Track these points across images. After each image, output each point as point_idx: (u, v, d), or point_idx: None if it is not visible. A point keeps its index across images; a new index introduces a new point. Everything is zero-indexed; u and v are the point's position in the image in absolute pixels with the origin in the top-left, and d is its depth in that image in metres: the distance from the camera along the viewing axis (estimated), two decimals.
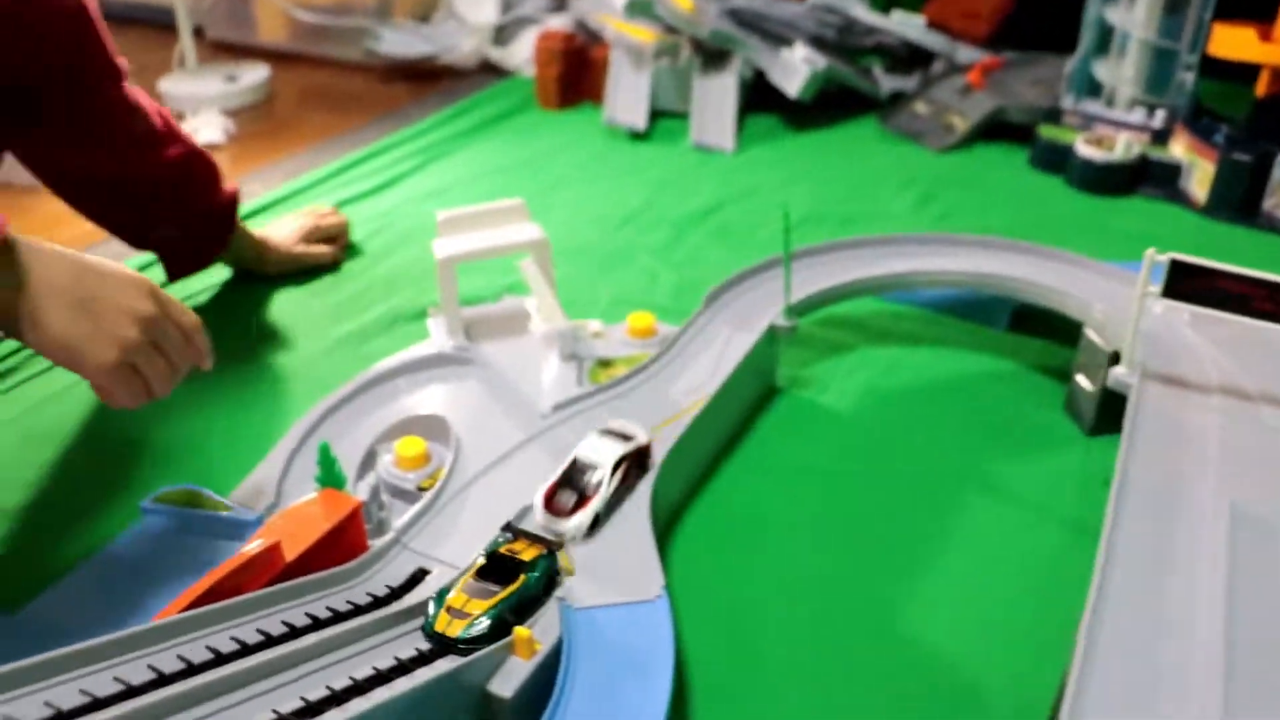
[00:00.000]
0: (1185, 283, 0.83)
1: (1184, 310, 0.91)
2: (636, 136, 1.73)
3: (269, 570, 0.67)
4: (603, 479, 0.77)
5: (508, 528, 0.75)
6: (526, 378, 0.94)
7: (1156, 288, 0.86)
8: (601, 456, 0.78)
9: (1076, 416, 1.02)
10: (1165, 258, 0.85)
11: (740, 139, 1.72)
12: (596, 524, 0.76)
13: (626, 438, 0.81)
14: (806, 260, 1.09)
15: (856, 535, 0.88)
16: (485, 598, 0.67)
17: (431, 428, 0.89)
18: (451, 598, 0.67)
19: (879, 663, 0.76)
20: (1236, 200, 1.45)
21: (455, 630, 0.65)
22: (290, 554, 0.68)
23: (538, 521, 0.76)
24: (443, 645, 0.65)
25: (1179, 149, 1.55)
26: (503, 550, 0.71)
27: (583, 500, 0.76)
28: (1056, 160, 1.59)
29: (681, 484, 0.89)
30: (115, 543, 0.84)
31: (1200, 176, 1.49)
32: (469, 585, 0.68)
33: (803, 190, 1.54)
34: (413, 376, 0.96)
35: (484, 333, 1.01)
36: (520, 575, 0.69)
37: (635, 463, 0.81)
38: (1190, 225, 1.45)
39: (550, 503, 0.77)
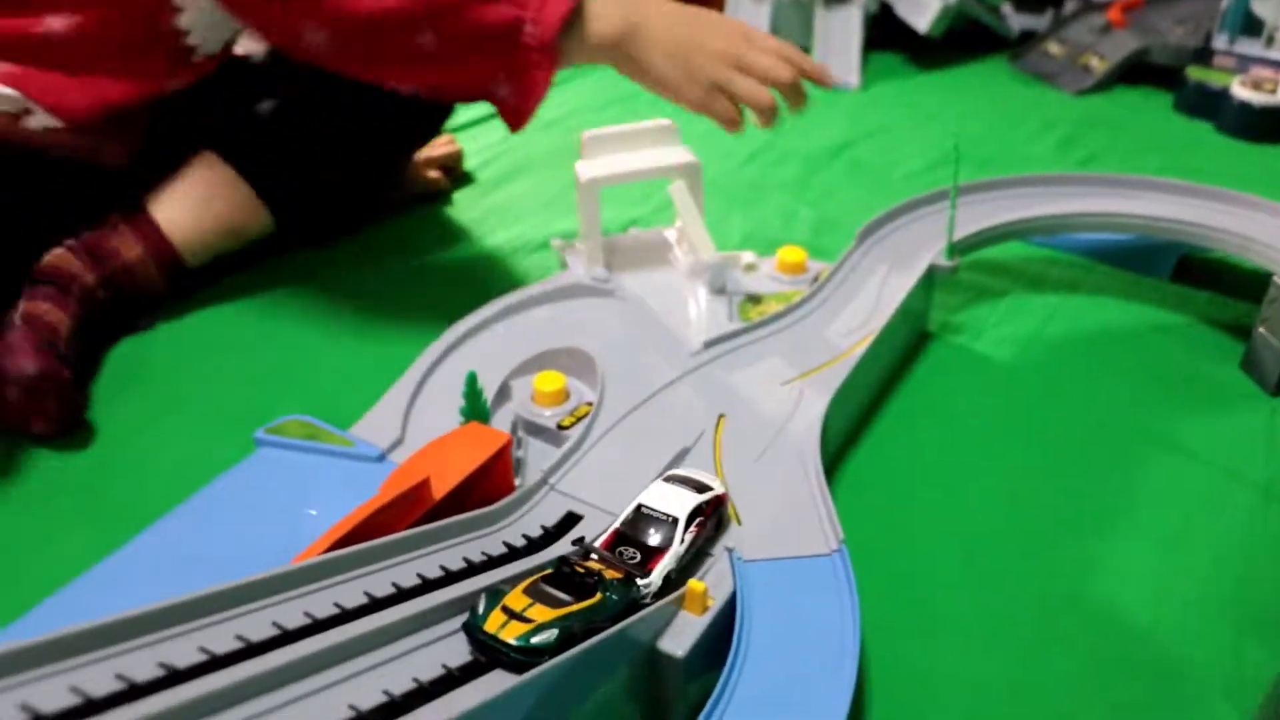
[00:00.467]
0: None
1: None
2: None
3: (416, 509, 0.61)
4: (674, 535, 0.63)
5: (579, 542, 0.66)
6: (673, 311, 0.87)
7: None
8: (673, 507, 0.64)
9: (1258, 374, 0.93)
10: None
11: (865, 76, 1.63)
12: (667, 588, 0.61)
13: (701, 488, 0.66)
14: (970, 197, 1.02)
15: (1029, 490, 0.81)
16: (554, 605, 0.56)
17: (571, 362, 0.82)
18: (509, 597, 0.56)
19: (1068, 628, 0.69)
20: None
21: (511, 635, 0.54)
22: (438, 492, 0.62)
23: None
24: (487, 650, 0.54)
25: None
26: (577, 564, 0.60)
27: (650, 558, 0.62)
28: (1207, 104, 1.50)
29: (841, 432, 0.83)
30: (228, 474, 0.79)
31: None
32: (533, 588, 0.57)
33: (935, 130, 1.46)
34: (550, 307, 0.89)
35: (625, 263, 0.94)
36: (598, 593, 0.57)
37: (711, 516, 0.66)
38: None
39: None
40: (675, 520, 0.63)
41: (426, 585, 0.57)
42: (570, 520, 0.67)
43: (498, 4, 0.86)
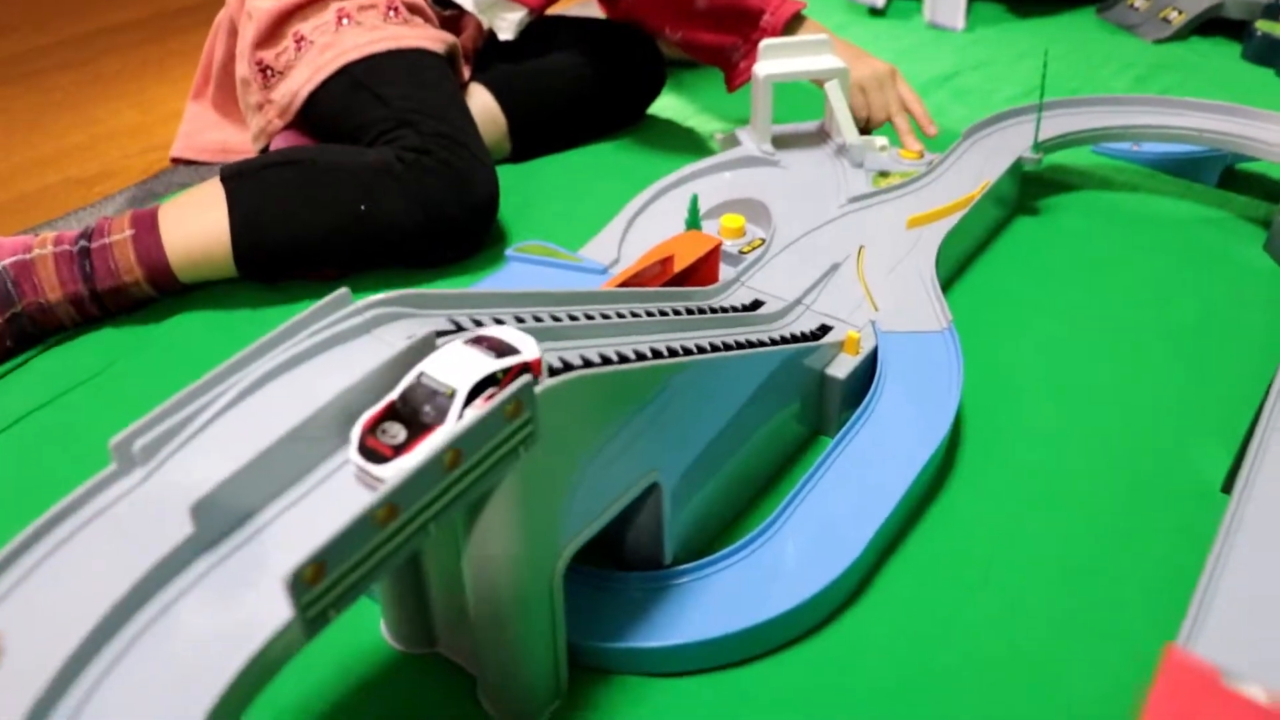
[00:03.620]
0: None
1: None
2: (875, 13, 1.91)
3: (662, 276, 0.90)
4: (450, 408, 0.52)
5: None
6: (824, 179, 1.16)
7: None
8: (456, 377, 0.53)
9: (1274, 253, 1.19)
10: None
11: (969, 20, 1.89)
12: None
13: (504, 351, 0.55)
14: (1054, 109, 1.28)
15: (1085, 320, 1.08)
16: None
17: (748, 209, 1.11)
18: None
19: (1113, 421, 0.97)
20: None
21: None
22: (677, 267, 0.91)
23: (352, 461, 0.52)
24: None
25: None
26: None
27: (414, 438, 0.52)
28: (1271, 54, 1.73)
29: (946, 269, 1.10)
30: (483, 281, 1.08)
31: None
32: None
33: (1030, 66, 1.72)
34: (732, 171, 1.18)
35: (785, 144, 1.23)
36: None
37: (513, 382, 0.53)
38: None
39: (368, 438, 0.52)
40: (453, 393, 0.53)
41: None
42: (755, 305, 0.95)
43: None
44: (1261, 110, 1.26)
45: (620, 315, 0.72)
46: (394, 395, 0.54)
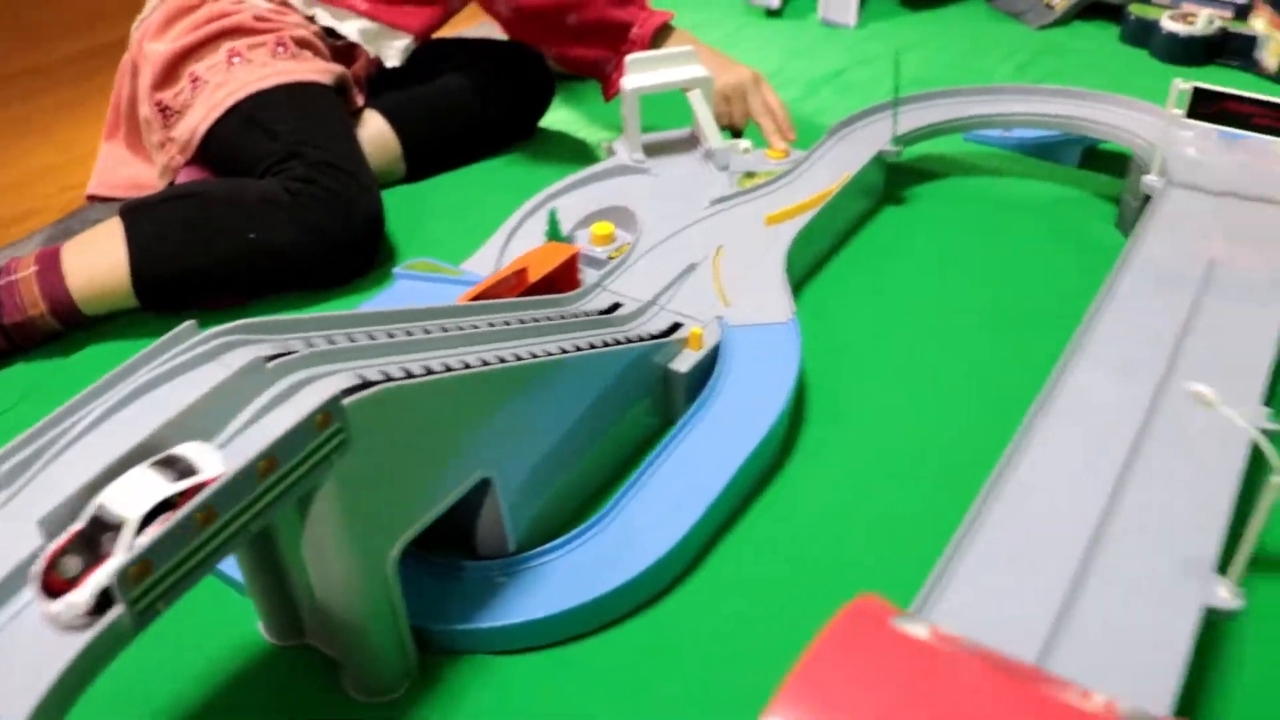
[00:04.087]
0: (1203, 105, 1.08)
1: (1212, 134, 1.15)
2: (771, 14, 1.99)
3: (518, 287, 0.97)
4: (117, 543, 0.53)
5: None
6: (690, 182, 1.23)
7: (1182, 112, 1.11)
8: (129, 506, 0.54)
9: (1123, 228, 1.27)
10: (1189, 85, 1.10)
11: (862, 16, 1.96)
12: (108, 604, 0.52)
13: (186, 472, 0.56)
14: (915, 104, 1.36)
15: (946, 298, 1.15)
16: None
17: (618, 216, 1.18)
18: None
19: (959, 394, 1.04)
20: None
21: None
22: (532, 278, 0.98)
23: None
24: None
25: (1259, 23, 1.75)
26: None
27: (90, 566, 0.52)
28: (1144, 35, 1.81)
29: (805, 264, 1.18)
30: (373, 300, 1.15)
31: (1274, 47, 1.70)
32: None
33: (916, 58, 1.79)
34: (604, 182, 1.25)
35: (656, 151, 1.30)
36: None
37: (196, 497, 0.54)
38: (1253, 87, 1.66)
39: (49, 573, 0.52)
40: (122, 524, 0.53)
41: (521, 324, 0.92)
42: (614, 308, 1.02)
43: (621, 8, 1.34)
44: (1101, 93, 1.34)
45: (460, 328, 0.79)
46: (80, 524, 0.55)
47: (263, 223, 1.13)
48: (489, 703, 0.74)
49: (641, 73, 1.26)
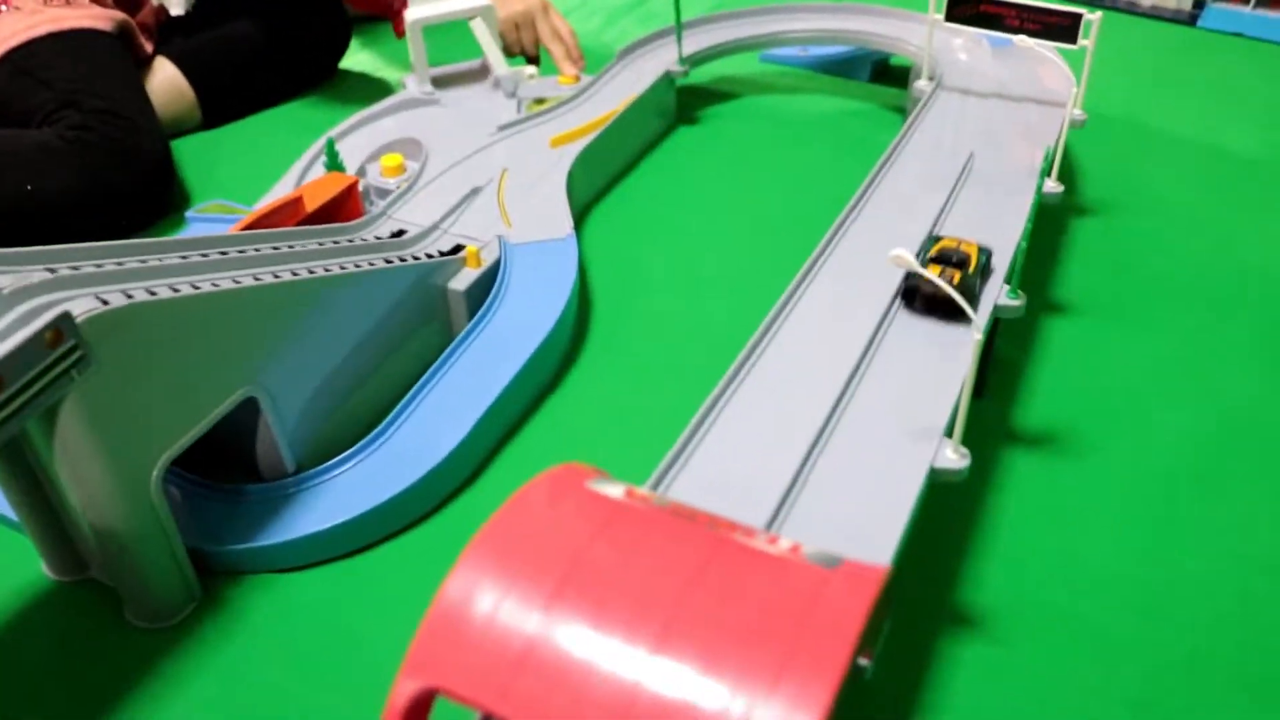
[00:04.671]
0: (959, 8, 1.12)
1: (983, 41, 1.20)
2: None
3: (294, 217, 0.97)
4: None
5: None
6: (479, 111, 1.24)
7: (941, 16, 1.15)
8: None
9: None
10: None
11: None
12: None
13: None
14: (702, 25, 1.39)
15: (734, 209, 1.19)
16: None
17: (409, 148, 1.18)
18: None
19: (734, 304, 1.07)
20: None
21: None
22: (310, 207, 0.98)
23: None
24: None
25: None
26: None
27: None
28: None
29: (593, 182, 1.20)
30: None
31: None
32: None
33: None
34: (393, 115, 1.25)
35: (448, 83, 1.30)
36: None
37: None
38: None
39: None
40: None
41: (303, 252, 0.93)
42: (398, 234, 1.03)
43: None
44: (879, 6, 1.38)
45: (223, 254, 0.79)
46: None
47: (40, 173, 1.11)
48: (272, 618, 0.75)
49: (423, 4, 1.26)
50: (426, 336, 0.96)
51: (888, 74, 1.48)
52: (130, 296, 0.68)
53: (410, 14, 1.25)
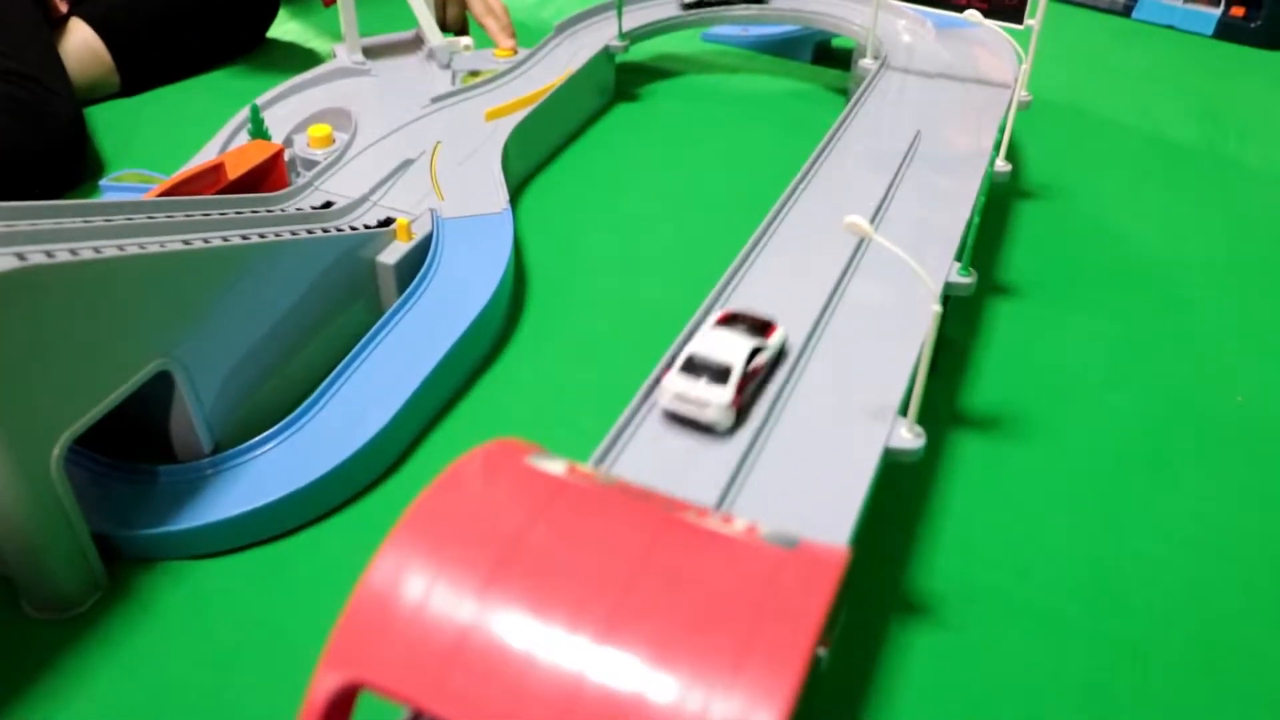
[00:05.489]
0: None
1: (927, 21, 1.18)
2: None
3: (215, 184, 0.92)
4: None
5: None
6: (412, 83, 1.19)
7: None
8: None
9: None
10: None
11: None
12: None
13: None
14: (644, 1, 1.35)
15: (670, 188, 1.15)
16: None
17: (338, 119, 1.13)
18: None
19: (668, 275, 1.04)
20: None
21: None
22: (232, 175, 0.93)
23: None
24: None
25: None
26: None
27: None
28: None
29: (528, 156, 1.16)
30: None
31: None
32: None
33: None
34: (322, 85, 1.20)
35: (380, 53, 1.26)
36: None
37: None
38: None
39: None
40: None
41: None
42: (326, 206, 0.99)
43: None
44: None
45: (130, 219, 0.74)
46: None
47: None
48: (185, 609, 0.70)
49: None
50: (354, 312, 0.91)
51: (830, 56, 1.45)
52: (20, 257, 0.63)
53: None
